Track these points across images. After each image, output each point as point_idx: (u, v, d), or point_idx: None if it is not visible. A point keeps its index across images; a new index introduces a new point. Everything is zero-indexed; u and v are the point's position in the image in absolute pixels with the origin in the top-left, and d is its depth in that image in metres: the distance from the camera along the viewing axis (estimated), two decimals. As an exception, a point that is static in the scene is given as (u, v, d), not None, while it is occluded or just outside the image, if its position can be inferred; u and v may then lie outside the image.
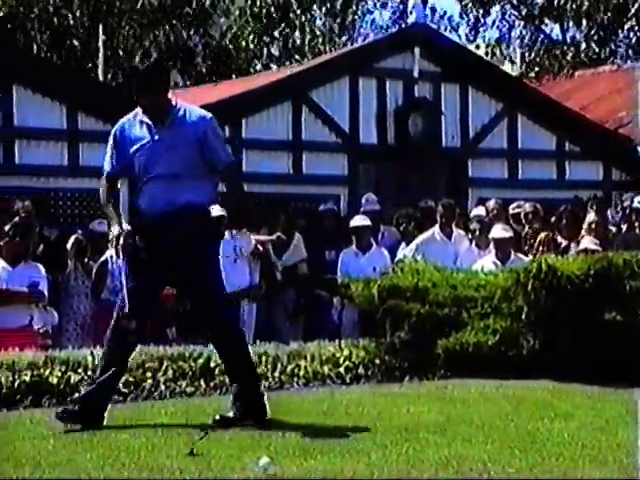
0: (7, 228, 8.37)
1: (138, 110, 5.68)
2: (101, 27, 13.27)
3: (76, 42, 18.18)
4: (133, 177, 5.67)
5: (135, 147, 5.62)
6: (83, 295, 9.25)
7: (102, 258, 9.33)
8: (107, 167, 5.74)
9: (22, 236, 8.41)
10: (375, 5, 23.71)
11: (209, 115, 5.73)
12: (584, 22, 22.69)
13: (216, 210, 9.88)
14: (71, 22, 18.27)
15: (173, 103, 5.67)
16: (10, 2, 17.62)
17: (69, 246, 9.29)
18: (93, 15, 17.85)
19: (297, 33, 20.63)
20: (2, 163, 9.92)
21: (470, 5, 23.97)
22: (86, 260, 9.34)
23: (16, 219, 8.56)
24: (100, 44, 12.18)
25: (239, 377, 5.71)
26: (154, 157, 5.59)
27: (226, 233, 9.86)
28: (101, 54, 12.07)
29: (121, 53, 18.86)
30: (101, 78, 12.25)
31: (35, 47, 17.82)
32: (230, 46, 20.07)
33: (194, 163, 5.59)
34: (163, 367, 6.90)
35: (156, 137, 5.60)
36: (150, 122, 5.60)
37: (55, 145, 10.23)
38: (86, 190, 10.37)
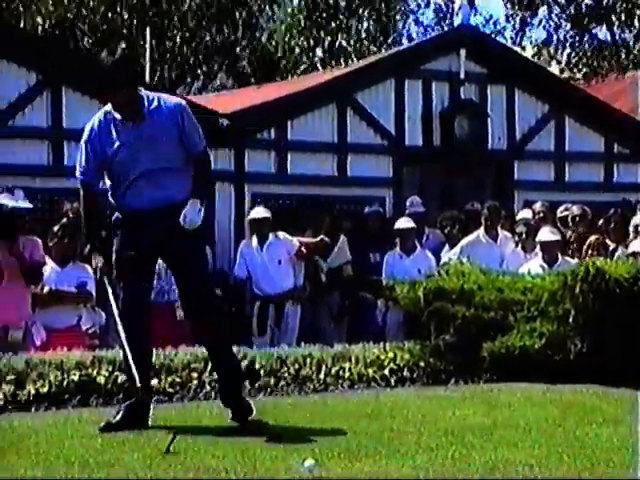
0: (56, 229, 8.47)
1: (107, 109, 5.52)
2: (148, 30, 13.36)
3: (124, 45, 18.35)
4: (112, 178, 5.54)
5: (113, 148, 5.47)
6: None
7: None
8: (82, 173, 5.57)
9: (70, 237, 8.49)
10: (419, 6, 23.63)
11: (182, 101, 5.72)
12: (636, 23, 22.43)
13: (261, 212, 9.96)
14: (119, 25, 18.46)
15: (144, 95, 5.55)
16: (59, 10, 17.82)
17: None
18: (140, 18, 18.00)
19: (340, 35, 20.63)
20: (51, 165, 10.00)
21: (517, 7, 23.79)
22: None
23: (64, 220, 8.65)
24: (147, 47, 12.26)
25: (225, 374, 5.70)
26: (136, 155, 5.48)
27: (270, 235, 9.90)
28: (147, 57, 12.15)
29: (167, 56, 19.00)
30: (147, 80, 12.32)
31: (84, 50, 17.99)
32: (275, 48, 20.12)
33: (175, 153, 5.53)
34: (208, 368, 6.94)
35: (134, 134, 5.47)
36: (125, 120, 5.47)
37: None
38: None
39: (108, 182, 5.64)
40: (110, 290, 5.58)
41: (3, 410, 5.95)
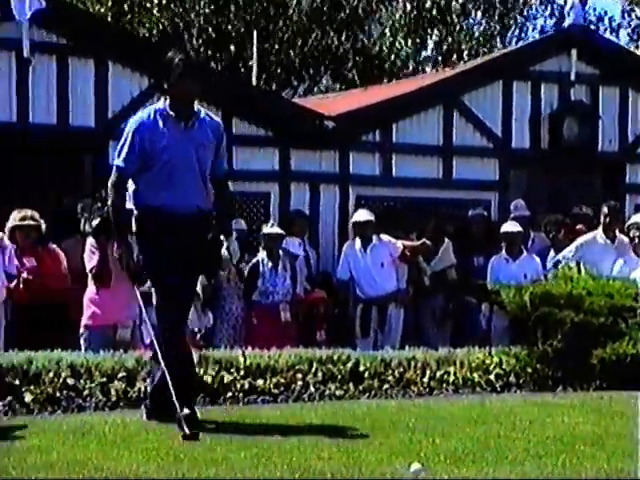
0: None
1: (158, 106, 5.54)
2: (255, 33, 13.50)
3: (232, 48, 18.60)
4: (149, 175, 5.47)
5: (162, 143, 5.45)
6: (236, 297, 9.42)
7: (254, 260, 9.49)
8: (123, 164, 5.47)
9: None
10: (536, 9, 23.18)
11: (220, 121, 5.77)
12: None
13: (364, 214, 9.95)
14: (228, 28, 18.72)
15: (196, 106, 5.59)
16: (167, 15, 18.14)
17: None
18: (248, 22, 18.21)
19: (450, 36, 20.47)
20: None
21: (634, 2, 23.05)
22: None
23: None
24: (254, 50, 12.39)
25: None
26: (185, 156, 5.46)
27: (374, 238, 9.89)
28: (254, 60, 12.29)
29: (273, 59, 19.15)
30: (254, 83, 12.46)
31: (194, 54, 18.29)
32: (381, 50, 20.08)
33: (209, 166, 5.57)
34: (312, 369, 6.97)
35: (185, 135, 5.48)
36: (177, 119, 5.46)
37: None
38: (239, 193, 10.55)
39: (131, 184, 5.58)
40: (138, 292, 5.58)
41: (115, 407, 6.07)
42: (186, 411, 5.29)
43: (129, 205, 5.59)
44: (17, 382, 6.08)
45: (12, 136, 9.45)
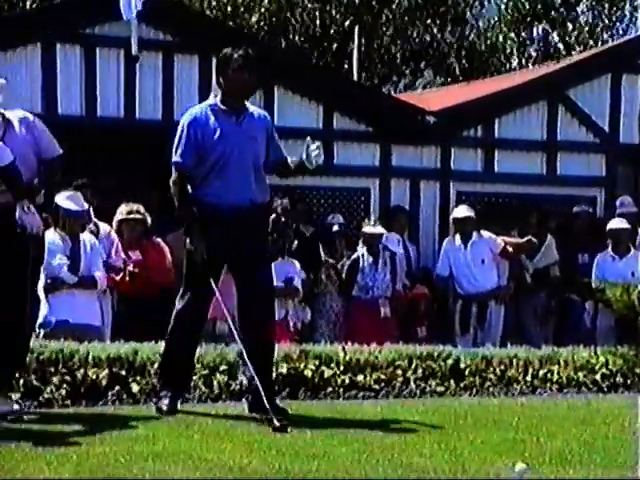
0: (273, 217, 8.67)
1: (210, 102, 5.60)
2: (357, 28, 13.47)
3: (334, 43, 18.64)
4: (203, 168, 5.51)
5: (215, 136, 5.50)
6: (335, 292, 9.43)
7: (353, 256, 9.49)
8: (180, 159, 5.54)
9: (279, 233, 8.69)
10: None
11: (267, 115, 5.80)
12: None
13: (464, 210, 9.86)
14: (330, 24, 18.76)
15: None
16: (272, 8, 18.26)
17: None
18: (350, 16, 18.21)
19: (555, 30, 20.11)
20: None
21: None
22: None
23: (273, 216, 8.85)
24: (355, 45, 12.39)
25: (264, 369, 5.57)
26: (239, 148, 5.50)
27: (474, 234, 9.79)
28: (355, 55, 12.28)
29: (374, 54, 19.09)
30: (355, 78, 12.46)
31: (296, 49, 18.39)
32: (486, 45, 19.85)
33: (263, 156, 5.59)
34: (413, 366, 6.94)
35: (237, 128, 5.52)
36: (229, 112, 5.52)
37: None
38: (339, 188, 10.58)
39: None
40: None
41: (217, 399, 6.14)
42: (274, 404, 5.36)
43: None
44: (124, 373, 6.21)
45: (119, 132, 9.66)
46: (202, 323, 5.86)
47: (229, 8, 18.68)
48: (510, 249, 9.78)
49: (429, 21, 19.43)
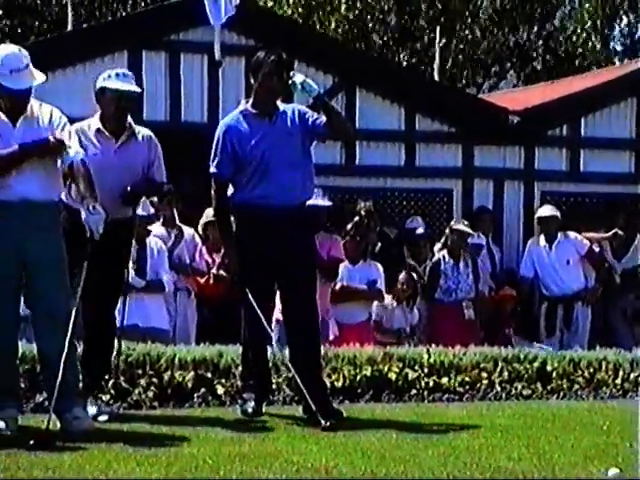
0: (349, 227, 8.69)
1: (241, 108, 5.60)
2: (438, 29, 13.38)
3: (418, 45, 18.58)
4: (244, 172, 5.50)
5: (251, 141, 5.50)
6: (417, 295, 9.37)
7: (434, 258, 9.43)
8: (217, 169, 5.56)
9: (362, 235, 8.69)
10: None
11: (298, 106, 5.72)
12: None
13: (549, 210, 9.71)
14: (413, 25, 18.73)
15: None
16: (354, 13, 18.29)
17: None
18: (432, 17, 18.13)
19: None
20: (343, 164, 10.27)
21: None
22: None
23: (357, 219, 8.85)
24: (436, 47, 12.31)
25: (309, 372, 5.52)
26: (275, 149, 5.49)
27: (559, 234, 9.65)
28: (437, 55, 12.21)
29: (458, 55, 18.95)
30: (437, 79, 12.38)
31: (377, 51, 18.38)
32: (571, 44, 19.56)
33: (302, 152, 5.55)
34: (498, 368, 6.86)
35: (271, 129, 5.52)
36: (261, 115, 5.52)
37: (393, 146, 10.47)
38: (421, 190, 10.53)
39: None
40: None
41: (301, 401, 6.14)
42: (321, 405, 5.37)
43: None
44: (209, 375, 6.27)
45: (203, 137, 9.75)
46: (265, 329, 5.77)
47: (305, 12, 18.77)
48: (596, 248, 9.62)
49: (516, 22, 19.20)
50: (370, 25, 18.87)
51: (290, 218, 5.52)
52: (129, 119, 5.74)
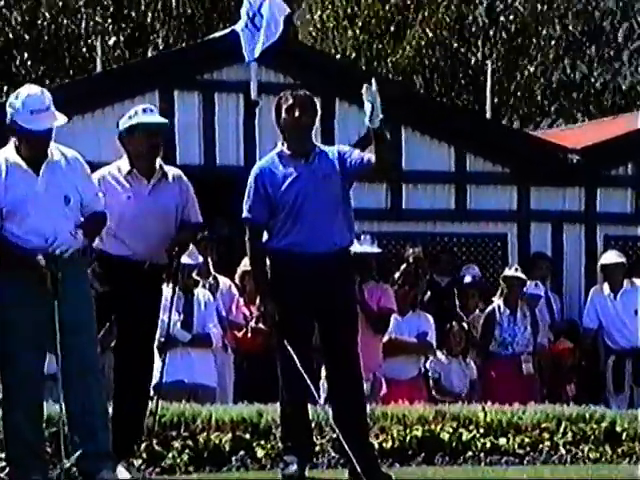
0: (397, 275, 8.67)
1: (276, 150, 5.64)
2: (489, 62, 13.36)
3: (465, 79, 18.64)
4: (277, 216, 5.52)
5: (285, 183, 5.51)
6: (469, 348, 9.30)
7: (489, 308, 9.37)
8: (250, 214, 5.57)
9: (412, 284, 8.67)
10: None
11: (337, 147, 5.76)
12: None
13: (613, 256, 9.63)
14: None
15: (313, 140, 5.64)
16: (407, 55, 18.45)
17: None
18: (486, 53, 18.22)
19: None
20: (390, 208, 10.29)
21: None
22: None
23: (404, 266, 8.83)
24: (488, 81, 12.31)
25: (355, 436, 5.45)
26: (311, 192, 5.49)
27: (625, 282, 9.57)
28: (489, 91, 12.21)
29: (512, 90, 19.01)
30: (489, 116, 12.40)
31: (424, 90, 18.49)
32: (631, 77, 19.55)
33: (340, 196, 5.55)
34: (562, 428, 6.78)
35: (307, 170, 5.52)
36: (296, 156, 5.55)
37: (442, 188, 10.47)
38: (474, 235, 10.51)
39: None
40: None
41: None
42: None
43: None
44: (248, 436, 6.24)
45: (239, 181, 9.81)
46: (306, 383, 5.71)
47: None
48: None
49: (577, 60, 19.24)
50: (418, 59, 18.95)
51: (325, 267, 5.51)
52: (159, 159, 5.79)
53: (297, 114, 5.60)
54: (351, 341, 5.65)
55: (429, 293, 9.34)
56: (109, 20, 18.61)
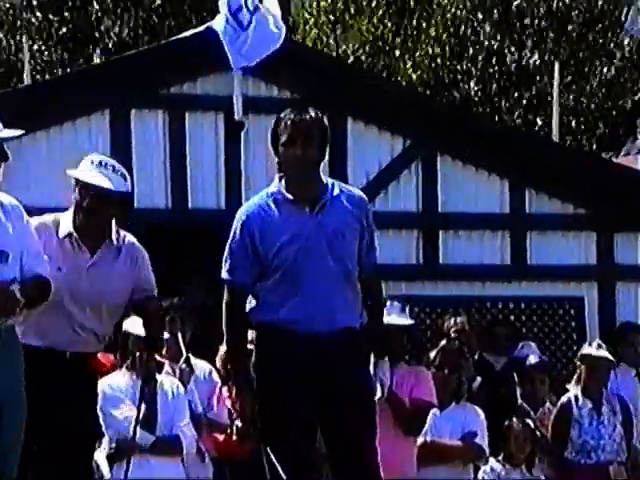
0: (434, 355, 8.71)
1: (271, 189, 5.65)
2: (556, 73, 13.40)
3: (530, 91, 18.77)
4: (271, 283, 5.58)
5: (280, 237, 5.54)
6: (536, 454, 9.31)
7: (563, 399, 9.37)
8: (230, 275, 5.62)
9: (455, 366, 8.69)
10: None
11: (364, 196, 5.78)
12: None
13: None
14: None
15: (323, 178, 5.66)
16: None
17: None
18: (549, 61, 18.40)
19: None
20: (422, 263, 10.35)
21: None
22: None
23: (444, 343, 8.87)
24: (554, 95, 12.36)
25: None
26: (314, 252, 5.53)
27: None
28: (555, 108, 12.26)
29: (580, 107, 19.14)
30: (555, 136, 12.49)
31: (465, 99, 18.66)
32: None
33: (355, 259, 5.63)
34: None
35: (312, 224, 5.55)
36: (298, 203, 5.57)
37: (493, 236, 10.52)
38: (537, 299, 10.56)
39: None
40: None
41: None
42: None
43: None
44: None
45: (219, 229, 9.87)
46: None
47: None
48: None
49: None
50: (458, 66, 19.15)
51: (328, 349, 5.57)
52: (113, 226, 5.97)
53: (300, 149, 5.61)
54: (367, 443, 5.68)
55: (479, 379, 9.36)
56: (37, 14, 18.72)
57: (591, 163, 11.69)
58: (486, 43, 19.53)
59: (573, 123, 19.34)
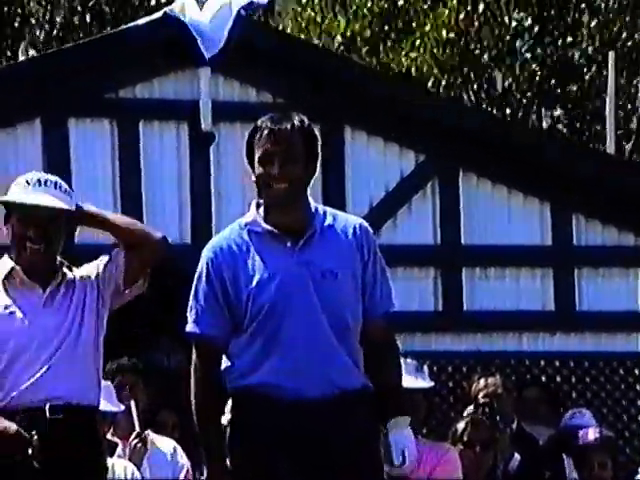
0: (461, 427, 8.77)
1: (246, 220, 5.65)
2: (611, 71, 13.58)
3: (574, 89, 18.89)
4: (246, 337, 5.60)
5: (255, 278, 5.56)
6: None
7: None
8: (197, 328, 5.62)
9: (485, 441, 8.75)
10: None
11: (366, 223, 5.75)
12: None
13: None
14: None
15: (312, 206, 5.63)
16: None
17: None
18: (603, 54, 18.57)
19: None
20: (441, 310, 10.41)
21: None
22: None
23: (470, 409, 8.95)
24: (608, 101, 12.54)
25: None
26: (293, 293, 5.55)
27: None
28: (610, 109, 12.43)
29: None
30: (610, 149, 12.63)
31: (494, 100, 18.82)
32: None
33: (354, 303, 5.64)
34: None
35: (297, 261, 5.56)
36: (279, 235, 5.57)
37: (531, 274, 10.59)
38: (589, 355, 10.65)
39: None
40: None
41: None
42: None
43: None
44: None
45: (180, 267, 9.97)
46: None
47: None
48: None
49: None
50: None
51: (320, 418, 5.65)
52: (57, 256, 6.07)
53: (277, 167, 5.61)
54: None
55: (517, 456, 9.42)
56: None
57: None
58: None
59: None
